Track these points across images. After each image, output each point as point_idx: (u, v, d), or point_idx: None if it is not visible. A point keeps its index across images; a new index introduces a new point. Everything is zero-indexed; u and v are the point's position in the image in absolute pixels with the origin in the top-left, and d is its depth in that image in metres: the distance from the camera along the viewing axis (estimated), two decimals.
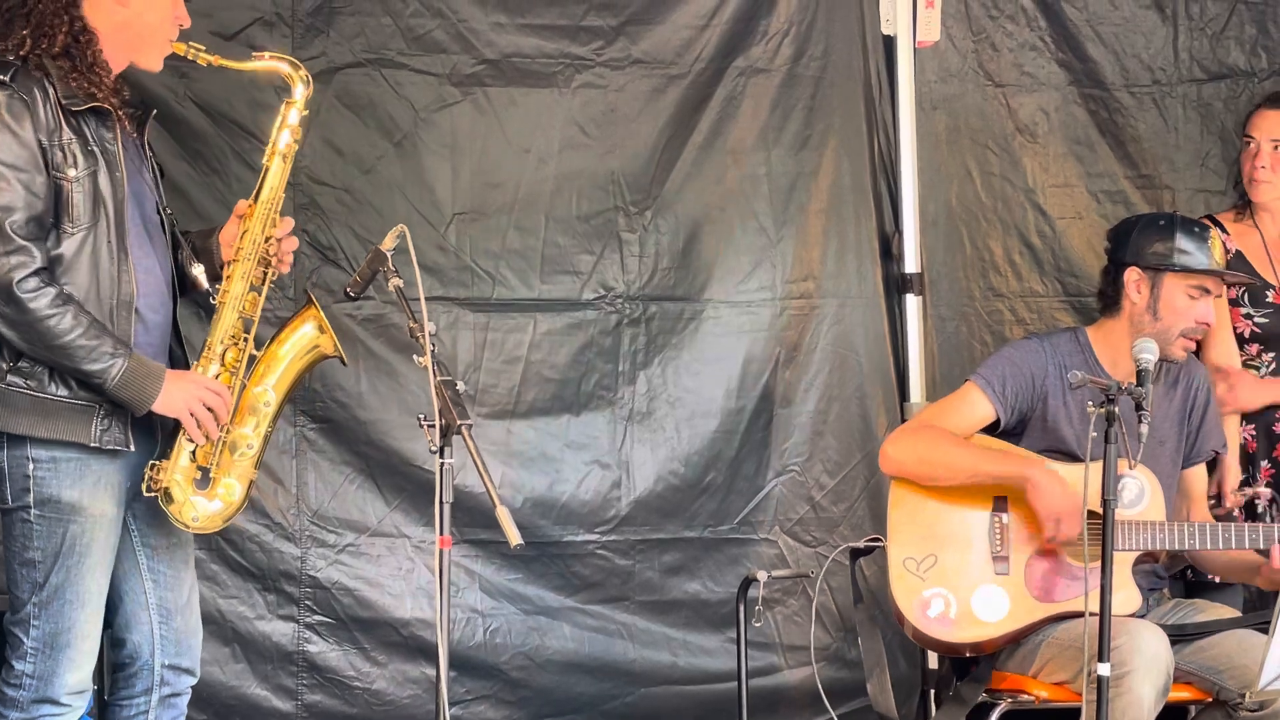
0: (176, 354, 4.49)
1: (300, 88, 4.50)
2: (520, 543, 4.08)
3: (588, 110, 5.93)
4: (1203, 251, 4.95)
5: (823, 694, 5.31)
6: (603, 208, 5.96)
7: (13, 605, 4.37)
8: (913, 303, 6.11)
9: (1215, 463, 5.30)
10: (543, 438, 5.93)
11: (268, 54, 4.56)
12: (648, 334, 5.99)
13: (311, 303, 4.52)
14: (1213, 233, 5.03)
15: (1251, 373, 5.57)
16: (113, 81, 4.40)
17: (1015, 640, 4.88)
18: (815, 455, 6.10)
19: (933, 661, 5.77)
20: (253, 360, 4.45)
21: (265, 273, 4.46)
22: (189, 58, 4.46)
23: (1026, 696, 4.88)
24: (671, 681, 5.99)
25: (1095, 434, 4.38)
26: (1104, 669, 4.33)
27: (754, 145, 6.05)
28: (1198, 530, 4.84)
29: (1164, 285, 4.95)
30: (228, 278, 4.44)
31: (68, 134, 4.26)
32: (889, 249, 6.14)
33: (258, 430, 4.45)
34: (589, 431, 5.96)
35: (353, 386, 5.76)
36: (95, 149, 4.30)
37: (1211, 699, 4.81)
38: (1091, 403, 4.42)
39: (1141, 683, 4.53)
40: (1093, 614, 4.34)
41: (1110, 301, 5.04)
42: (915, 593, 4.86)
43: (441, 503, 4.08)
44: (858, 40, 6.11)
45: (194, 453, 4.36)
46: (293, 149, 4.50)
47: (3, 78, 4.23)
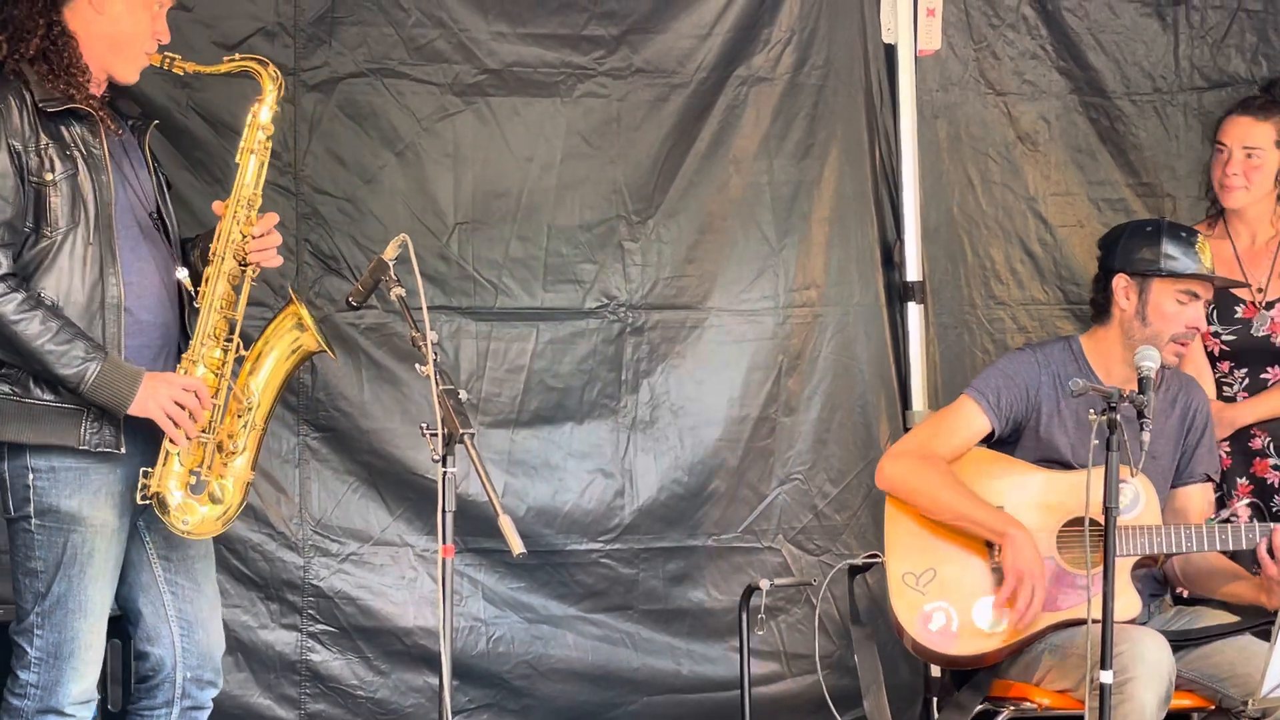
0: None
1: (270, 85, 4.52)
2: (523, 551, 4.08)
3: (590, 119, 5.94)
4: (1190, 256, 4.94)
5: (829, 702, 5.30)
6: (605, 217, 5.96)
7: (17, 615, 4.39)
8: (915, 311, 6.12)
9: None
10: (546, 446, 5.93)
11: (238, 55, 4.60)
12: (650, 343, 5.99)
13: (292, 300, 4.53)
14: (1200, 238, 5.02)
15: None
16: (96, 86, 4.41)
17: (1018, 650, 4.87)
18: (818, 463, 6.10)
19: (935, 670, 5.77)
20: (241, 361, 4.46)
21: (244, 271, 4.47)
22: (165, 68, 4.49)
23: (1029, 704, 4.87)
24: (675, 690, 5.99)
25: (1097, 441, 4.38)
26: (1107, 676, 4.33)
27: (756, 154, 6.05)
28: (1195, 532, 4.83)
29: (1152, 290, 4.95)
30: (206, 279, 4.45)
31: (44, 138, 4.28)
32: (891, 257, 6.15)
33: (248, 431, 4.45)
34: (592, 440, 5.96)
35: (355, 396, 5.76)
36: (76, 152, 4.31)
37: (1214, 706, 4.81)
38: (1093, 410, 4.42)
39: (1143, 690, 4.53)
40: (1095, 621, 4.34)
41: (1101, 309, 5.05)
42: (916, 607, 4.86)
43: (444, 511, 4.07)
44: (859, 49, 6.11)
45: (179, 456, 4.36)
46: (265, 145, 4.51)
47: None
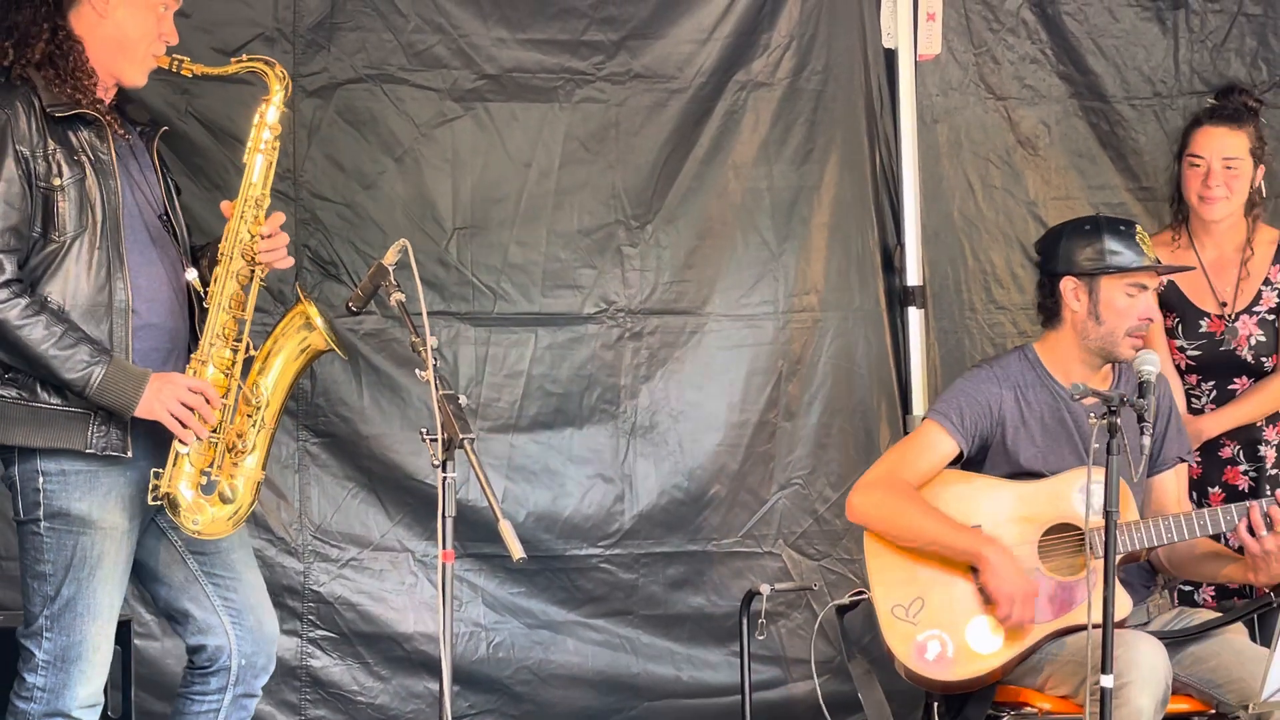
0: None
1: (277, 85, 4.53)
2: (523, 557, 4.08)
3: (589, 125, 5.93)
4: (1132, 249, 4.93)
5: (824, 709, 5.30)
6: (604, 222, 5.96)
7: (26, 618, 4.40)
8: (915, 315, 6.12)
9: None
10: (545, 452, 5.93)
11: (245, 56, 4.61)
12: (650, 348, 5.99)
13: (301, 300, 4.53)
14: (1139, 228, 4.99)
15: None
16: (104, 90, 4.43)
17: (1016, 665, 4.86)
18: (818, 468, 6.10)
19: None
20: (250, 361, 4.47)
21: (253, 271, 4.47)
22: (173, 70, 4.50)
23: (1030, 709, 4.87)
24: (675, 695, 5.99)
25: (1097, 445, 4.38)
26: (1107, 680, 4.33)
27: (755, 159, 6.05)
28: (1173, 522, 4.80)
29: (1101, 289, 4.93)
30: (214, 279, 4.46)
31: (52, 144, 4.30)
32: (891, 262, 6.15)
33: (258, 430, 4.46)
34: (591, 445, 5.96)
35: (355, 401, 5.76)
36: (83, 157, 4.33)
37: (1212, 711, 4.80)
38: (1093, 415, 4.42)
39: (1140, 694, 4.52)
40: (1095, 626, 4.34)
41: (1051, 314, 5.02)
42: (909, 638, 4.84)
43: (444, 517, 4.07)
44: (859, 54, 6.11)
45: (189, 456, 4.37)
46: (273, 146, 4.53)
47: None
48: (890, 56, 6.13)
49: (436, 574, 4.52)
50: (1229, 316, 5.58)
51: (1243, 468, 5.61)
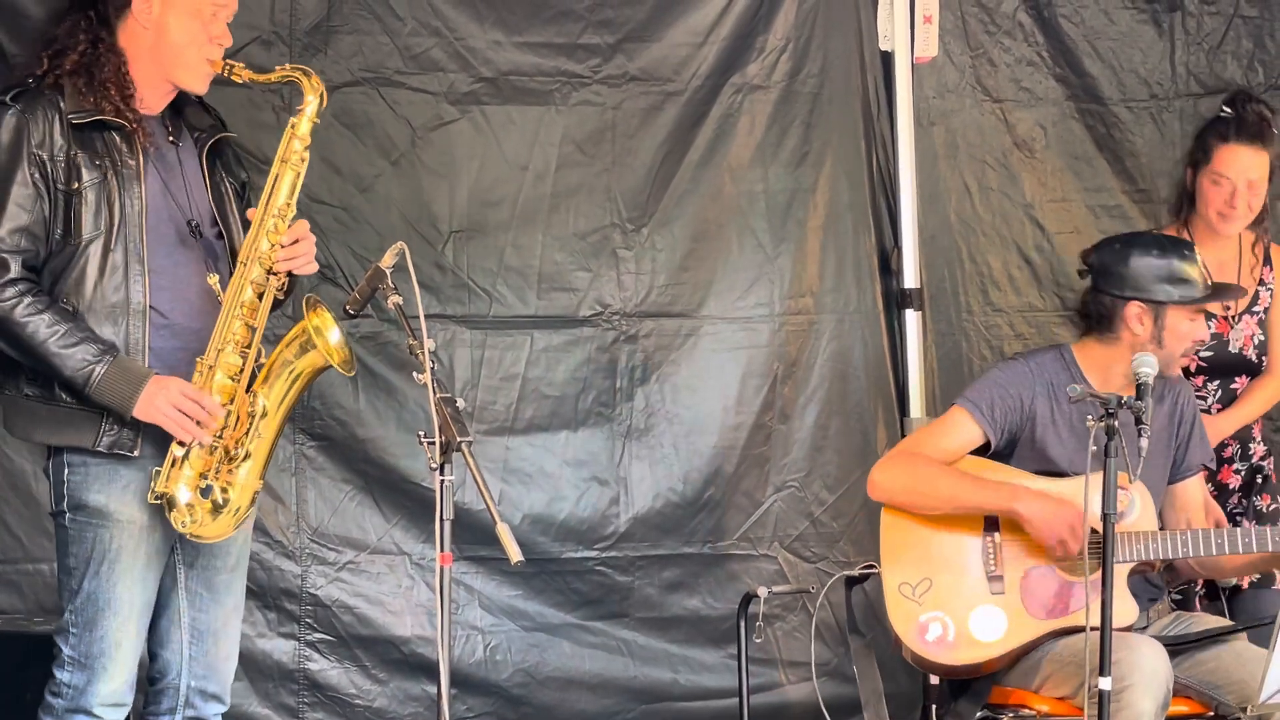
0: None
1: (311, 96, 4.56)
2: (520, 559, 4.09)
3: (585, 127, 5.93)
4: (1196, 274, 4.90)
5: (824, 710, 5.30)
6: (600, 224, 5.96)
7: (60, 615, 4.49)
8: (912, 318, 6.12)
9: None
10: (541, 454, 5.92)
11: (288, 65, 4.67)
12: (645, 350, 5.99)
13: (307, 314, 4.53)
14: (1197, 252, 4.98)
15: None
16: (163, 96, 4.52)
17: (1015, 659, 4.87)
18: (814, 471, 6.10)
19: (934, 678, 5.76)
20: (259, 369, 4.50)
21: (269, 280, 4.49)
22: (226, 75, 4.56)
23: (1028, 711, 4.87)
24: (672, 698, 5.98)
25: (1095, 447, 4.38)
26: (1105, 683, 4.33)
27: (751, 161, 6.05)
28: (1191, 538, 4.81)
29: (1167, 316, 4.89)
30: (231, 285, 4.49)
31: (74, 149, 4.38)
32: (888, 264, 6.15)
33: (258, 438, 4.47)
34: (587, 448, 5.96)
35: (351, 404, 5.76)
36: (106, 162, 4.40)
37: (1211, 713, 4.81)
38: (1091, 416, 4.42)
39: (1141, 697, 4.52)
40: (1094, 628, 4.34)
41: (1102, 326, 4.96)
42: (913, 618, 4.85)
43: (441, 520, 4.08)
44: (855, 56, 6.11)
45: (187, 459, 4.40)
46: (303, 159, 4.55)
47: (3, 98, 4.39)
48: (887, 59, 6.13)
49: (434, 577, 4.52)
50: (1233, 317, 5.59)
51: (1235, 465, 5.63)
